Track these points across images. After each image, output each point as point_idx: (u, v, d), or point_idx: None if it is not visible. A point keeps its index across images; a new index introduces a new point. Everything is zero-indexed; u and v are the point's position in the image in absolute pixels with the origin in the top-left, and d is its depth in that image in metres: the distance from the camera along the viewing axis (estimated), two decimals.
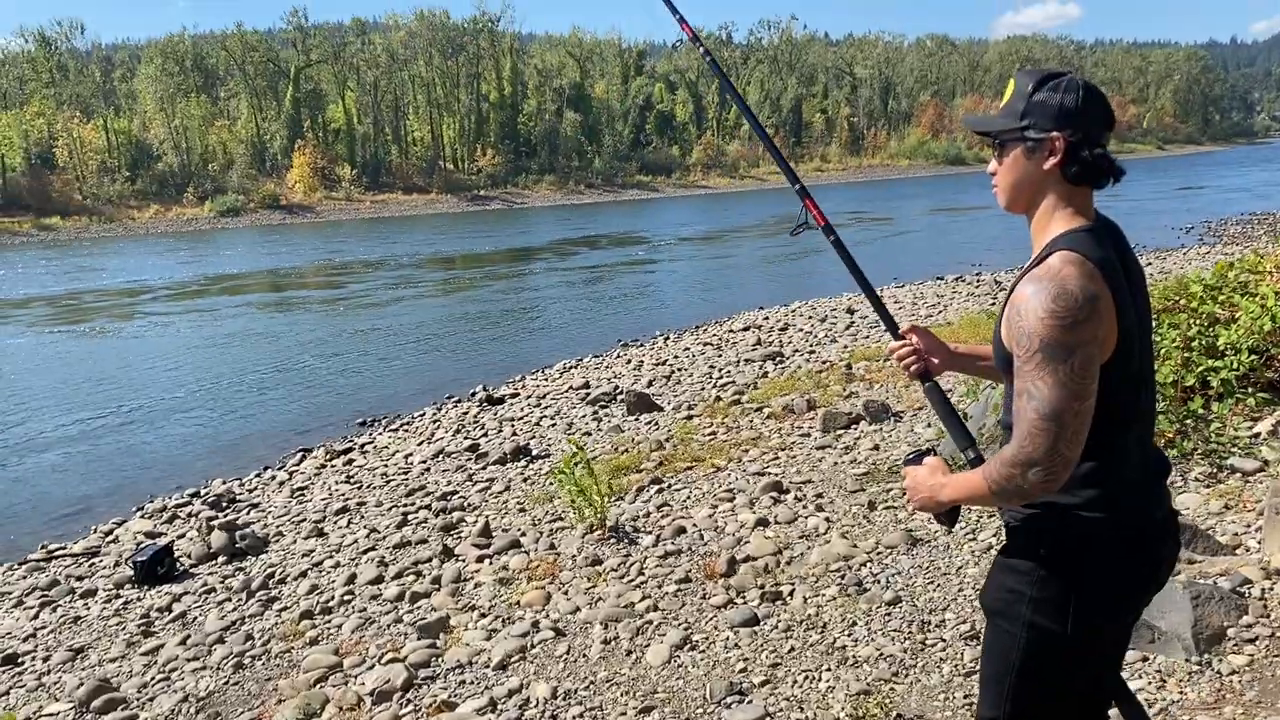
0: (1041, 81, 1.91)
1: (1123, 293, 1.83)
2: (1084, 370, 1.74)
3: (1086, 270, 1.77)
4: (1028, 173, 1.92)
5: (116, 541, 7.84)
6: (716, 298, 20.52)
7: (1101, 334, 1.76)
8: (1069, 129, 1.86)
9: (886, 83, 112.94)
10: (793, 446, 7.39)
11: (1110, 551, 1.89)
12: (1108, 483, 1.88)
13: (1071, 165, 1.87)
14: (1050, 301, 1.74)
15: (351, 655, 4.76)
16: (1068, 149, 1.86)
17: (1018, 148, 1.93)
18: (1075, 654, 1.96)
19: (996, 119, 1.96)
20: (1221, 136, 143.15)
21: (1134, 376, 1.89)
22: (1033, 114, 1.89)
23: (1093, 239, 1.85)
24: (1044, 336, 1.75)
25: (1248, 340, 5.58)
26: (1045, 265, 1.81)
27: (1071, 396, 1.74)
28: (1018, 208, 1.99)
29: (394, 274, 29.49)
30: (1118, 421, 1.88)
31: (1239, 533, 4.37)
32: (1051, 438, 1.74)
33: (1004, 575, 2.00)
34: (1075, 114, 1.86)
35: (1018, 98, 1.93)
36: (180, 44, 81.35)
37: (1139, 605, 2.04)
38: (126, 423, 12.45)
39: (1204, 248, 21.81)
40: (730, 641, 4.21)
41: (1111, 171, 1.90)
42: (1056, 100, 1.88)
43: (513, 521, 6.64)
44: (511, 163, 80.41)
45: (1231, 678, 3.30)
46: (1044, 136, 1.88)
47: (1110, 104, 1.94)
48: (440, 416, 11.06)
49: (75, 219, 59.88)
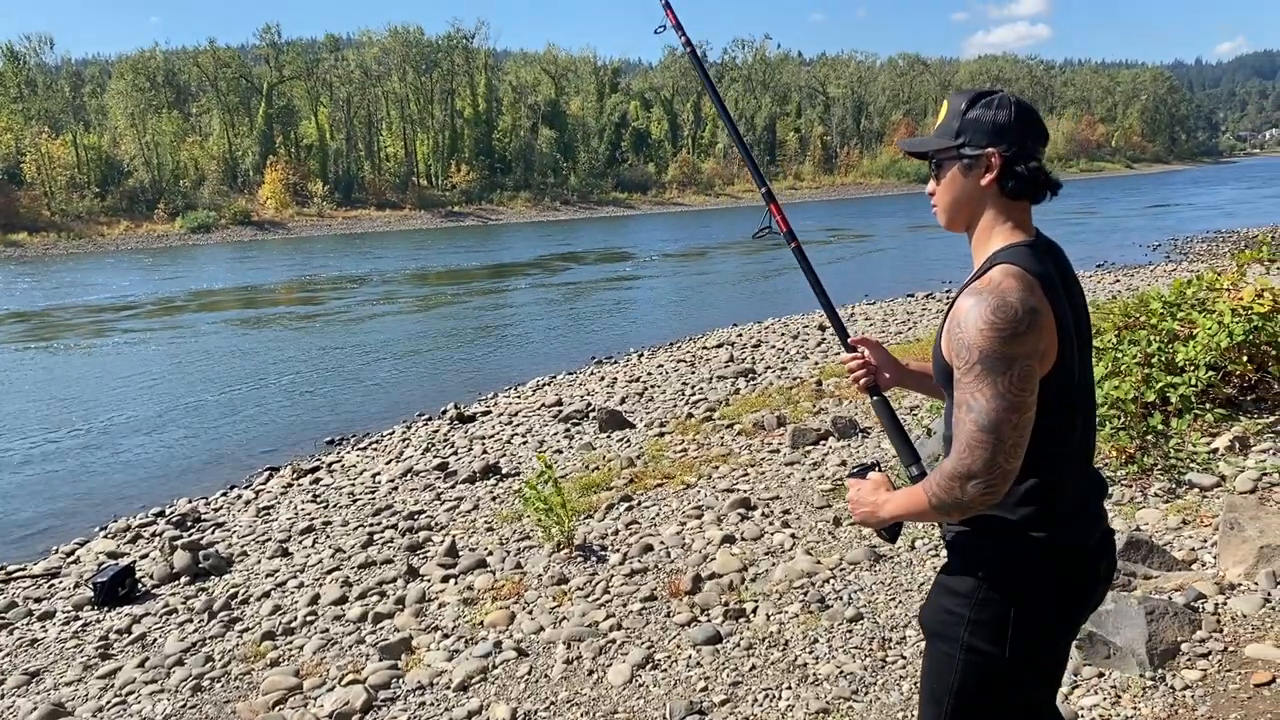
0: (974, 100, 1.93)
1: (1062, 308, 1.84)
2: (1023, 383, 1.74)
3: (1027, 283, 1.78)
4: (965, 190, 1.94)
5: (78, 562, 7.72)
6: (691, 315, 20.56)
7: (1041, 347, 1.77)
8: (1003, 144, 1.88)
9: (859, 102, 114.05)
10: (762, 463, 7.40)
11: (1049, 571, 1.89)
12: (1047, 500, 1.88)
13: (1008, 180, 1.89)
14: (990, 313, 1.75)
15: (312, 677, 4.71)
16: (1003, 164, 1.88)
17: (954, 166, 1.94)
18: (1014, 675, 1.96)
19: (932, 139, 1.98)
20: (1188, 155, 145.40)
21: (1073, 392, 1.89)
22: (967, 131, 1.91)
23: (1033, 254, 1.86)
24: (983, 348, 1.75)
25: (1205, 357, 5.66)
26: (986, 278, 1.82)
27: (1010, 409, 1.74)
28: (958, 226, 2.01)
29: (366, 291, 29.37)
30: (1058, 438, 1.88)
31: (1195, 548, 4.41)
32: (990, 450, 1.74)
33: (943, 596, 1.99)
34: (1009, 129, 1.88)
35: (952, 116, 1.95)
36: (152, 59, 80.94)
37: (1077, 624, 2.04)
38: (92, 441, 12.30)
39: (1170, 265, 22.09)
40: (692, 660, 4.20)
41: (1048, 185, 1.91)
42: (990, 117, 1.89)
43: (480, 541, 6.60)
44: (486, 179, 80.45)
45: (1185, 693, 3.33)
46: (979, 153, 1.90)
47: (1042, 120, 1.95)
48: (410, 435, 10.99)
49: (43, 235, 59.32)
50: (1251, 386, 6.10)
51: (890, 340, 13.35)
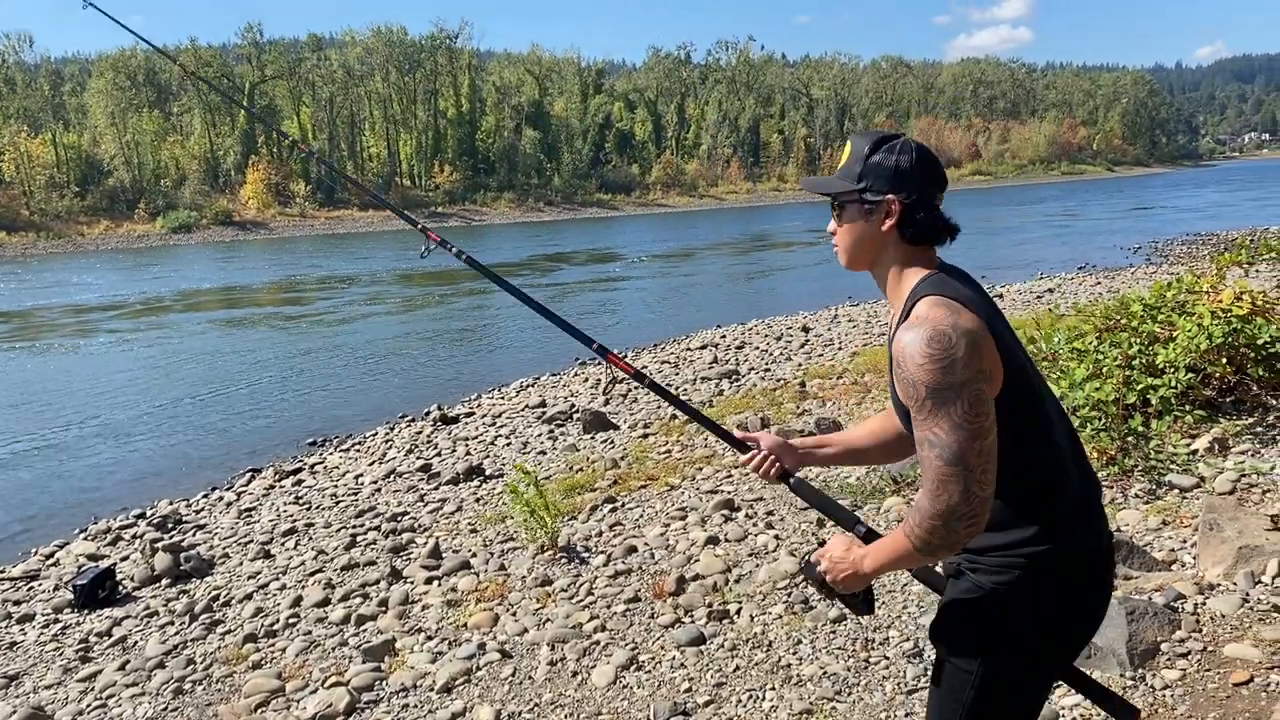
0: (877, 144, 1.95)
1: (996, 319, 1.86)
2: (976, 408, 1.75)
3: (954, 308, 1.80)
4: (866, 234, 1.97)
5: (57, 564, 7.66)
6: (675, 316, 20.58)
7: (985, 367, 1.77)
8: (903, 191, 1.91)
9: (842, 104, 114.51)
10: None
11: (1060, 581, 1.89)
12: (1049, 508, 1.89)
13: (907, 227, 1.92)
14: (925, 346, 1.76)
15: (295, 679, 4.69)
16: (902, 211, 1.91)
17: (855, 209, 1.97)
18: (1028, 690, 1.97)
19: (834, 181, 2.00)
20: (1168, 159, 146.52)
21: (1038, 398, 1.91)
22: (869, 176, 1.94)
23: (949, 280, 1.89)
24: (928, 383, 1.76)
25: (1185, 359, 5.71)
26: (914, 314, 1.83)
27: (970, 437, 1.74)
28: (859, 266, 2.04)
29: (348, 291, 29.27)
30: (1042, 446, 1.90)
31: (1175, 549, 4.44)
32: (962, 482, 1.74)
33: (956, 612, 1.98)
34: (909, 176, 1.91)
35: (854, 160, 1.97)
36: (132, 58, 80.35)
37: (1088, 635, 2.01)
38: (71, 442, 12.20)
39: (1151, 267, 22.24)
40: (676, 661, 4.21)
41: (946, 230, 1.95)
42: (891, 162, 1.92)
43: (463, 542, 6.59)
44: (469, 180, 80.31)
45: (1164, 692, 3.36)
46: (880, 199, 1.92)
47: (942, 165, 1.98)
48: (393, 436, 10.96)
49: (22, 235, 58.84)
50: (1230, 388, 6.15)
51: (874, 341, 13.41)
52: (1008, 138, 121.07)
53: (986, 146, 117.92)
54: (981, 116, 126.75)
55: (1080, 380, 5.56)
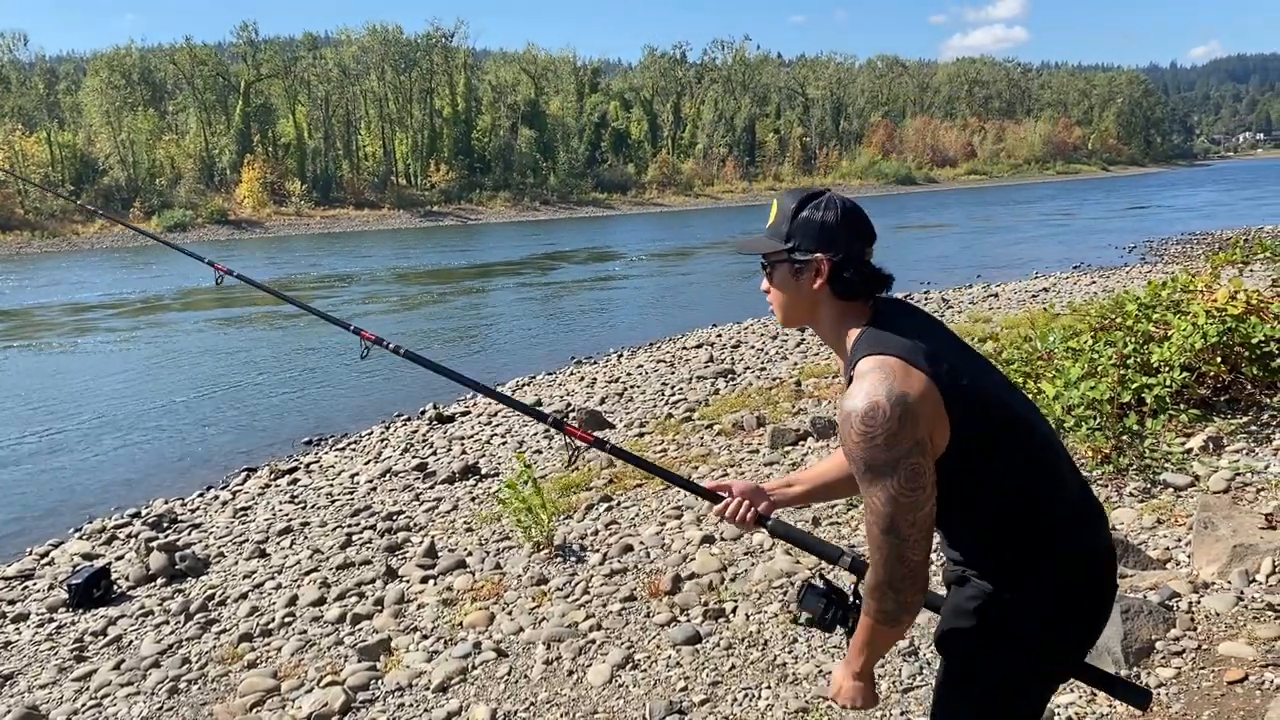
0: (803, 202, 1.95)
1: (936, 361, 1.82)
2: (911, 482, 1.76)
3: (889, 370, 1.78)
4: (799, 292, 1.98)
5: (52, 564, 7.65)
6: (671, 315, 20.58)
7: (921, 436, 1.76)
8: (831, 250, 1.91)
9: (838, 103, 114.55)
10: (741, 463, 7.41)
11: (1062, 583, 1.89)
12: (1047, 516, 1.90)
13: (837, 284, 1.92)
14: (860, 423, 1.75)
15: (290, 678, 4.68)
16: (831, 269, 1.91)
17: (785, 269, 1.98)
18: (1035, 690, 1.97)
19: (763, 241, 2.00)
20: (1163, 158, 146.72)
21: (1014, 413, 1.90)
22: (796, 235, 1.94)
23: (885, 332, 1.87)
24: (863, 458, 1.77)
25: (1180, 357, 5.72)
26: (855, 380, 1.82)
27: (904, 510, 1.76)
28: (794, 324, 2.05)
29: (344, 290, 29.24)
30: (1026, 457, 1.89)
31: (1170, 547, 4.45)
32: (895, 550, 1.78)
33: (961, 618, 1.97)
34: (836, 234, 1.91)
35: (782, 219, 1.97)
36: (127, 57, 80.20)
37: (1097, 632, 2.01)
38: (66, 441, 12.18)
39: (1146, 266, 22.28)
40: (672, 660, 4.21)
41: (877, 283, 1.95)
42: (818, 219, 1.92)
43: (459, 541, 6.59)
44: (465, 178, 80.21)
45: (1159, 690, 3.36)
46: (809, 258, 1.93)
47: (868, 219, 1.98)
48: (388, 435, 10.95)
49: (16, 234, 58.68)
50: (1225, 387, 6.16)
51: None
52: (1003, 137, 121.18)
53: (982, 146, 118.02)
54: (977, 116, 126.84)
55: (1075, 379, 5.57)
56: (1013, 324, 11.69)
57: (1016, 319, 12.50)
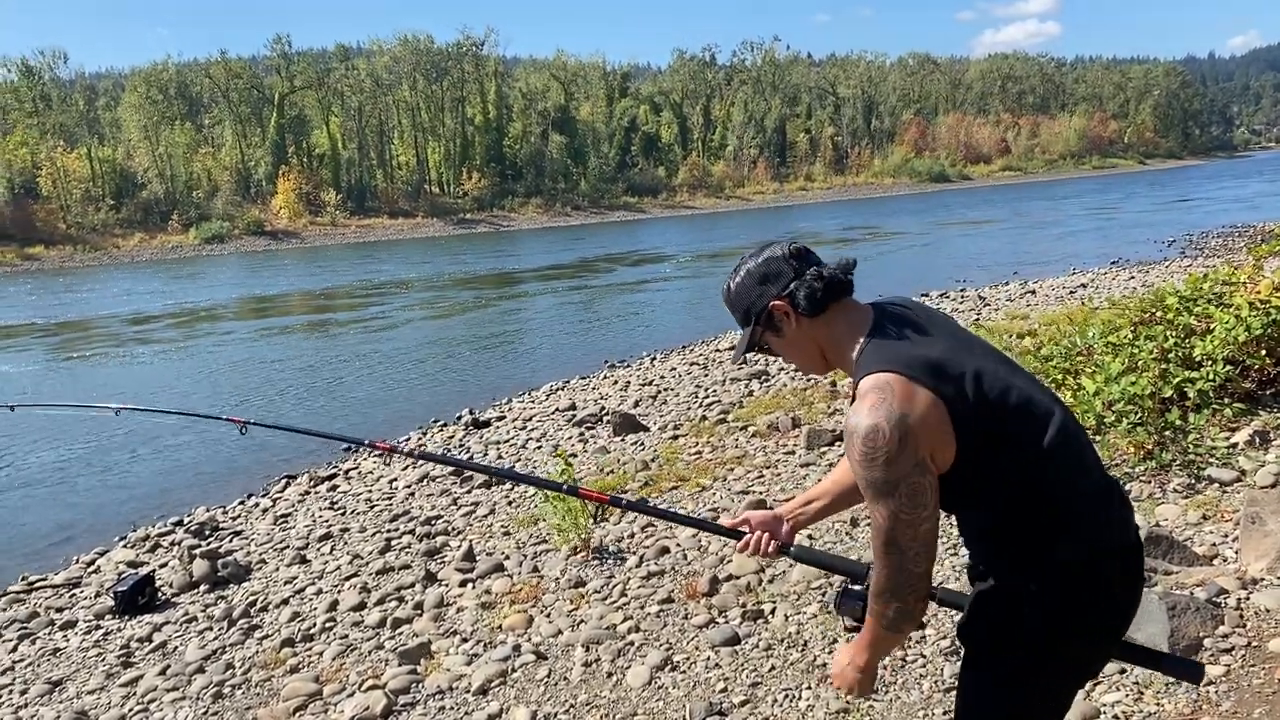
0: (728, 284, 2.07)
1: (937, 371, 1.82)
2: (913, 499, 1.79)
3: (887, 388, 1.79)
4: (793, 342, 2.03)
5: (98, 571, 7.77)
6: (704, 317, 20.54)
7: (924, 452, 1.79)
8: (773, 290, 1.98)
9: (869, 102, 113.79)
10: (777, 465, 7.38)
11: (1088, 578, 1.88)
12: (1070, 511, 1.88)
13: (803, 306, 1.96)
14: (861, 443, 1.78)
15: (332, 683, 4.73)
16: (788, 301, 1.96)
17: (770, 337, 2.04)
18: (1060, 685, 1.97)
19: (743, 337, 2.07)
20: (1202, 150, 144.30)
21: (1016, 408, 1.88)
22: (747, 308, 2.03)
23: (882, 343, 1.90)
24: (866, 478, 1.80)
25: (1223, 351, 5.63)
26: (858, 396, 1.84)
27: (905, 526, 1.80)
28: (819, 368, 2.08)
29: (380, 298, 29.47)
30: (1044, 450, 1.88)
31: (1216, 543, 4.38)
32: (896, 563, 1.82)
33: (984, 612, 1.97)
34: (765, 278, 2.00)
35: (734, 310, 2.08)
36: (164, 72, 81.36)
37: (1124, 626, 1.99)
38: (109, 451, 12.37)
39: (1186, 260, 21.95)
40: (711, 661, 4.20)
41: (840, 280, 1.97)
42: (742, 284, 2.03)
43: (497, 545, 6.62)
44: (497, 185, 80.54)
45: (1208, 689, 3.31)
46: (769, 312, 1.99)
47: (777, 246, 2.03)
48: (425, 441, 11.02)
49: (60, 248, 59.72)
50: (1270, 380, 6.05)
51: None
52: (1037, 133, 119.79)
53: (1016, 142, 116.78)
54: (1010, 112, 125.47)
55: (1116, 374, 5.49)
56: (1050, 321, 11.56)
57: (1054, 316, 12.35)
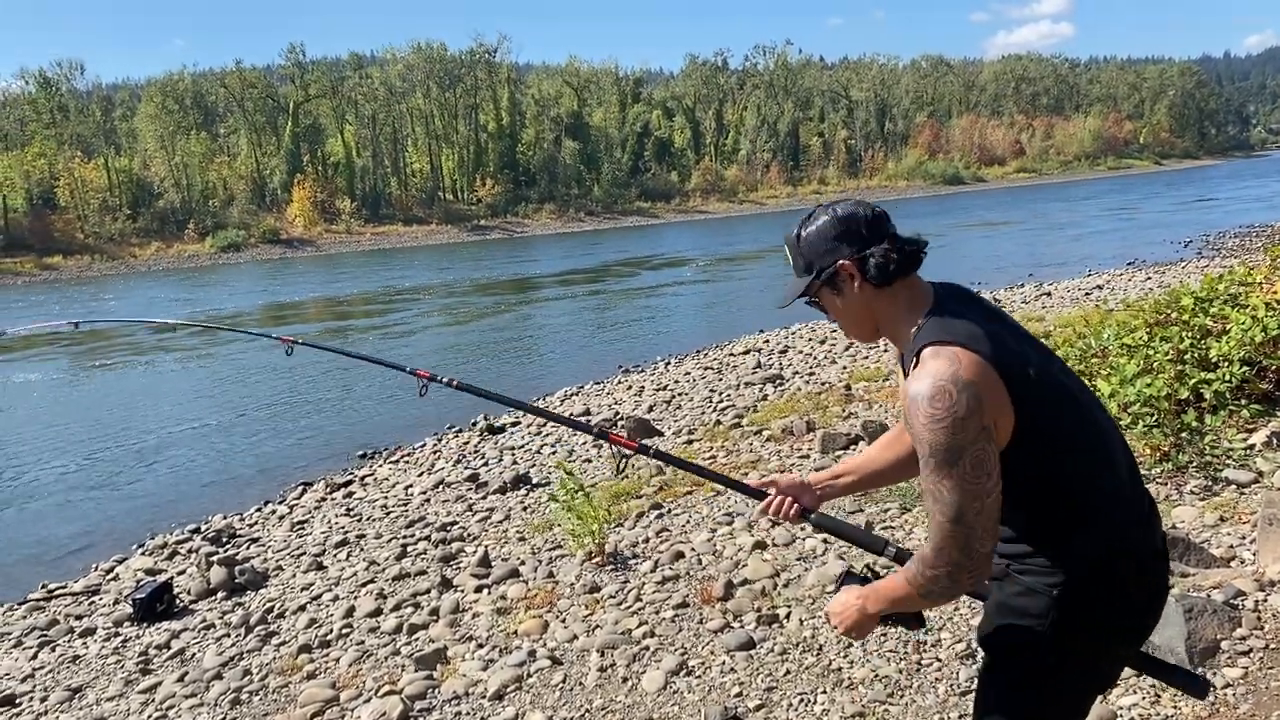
0: (798, 229, 2.00)
1: (999, 348, 1.81)
2: (977, 469, 1.74)
3: (952, 357, 1.77)
4: (848, 304, 1.98)
5: (117, 579, 7.83)
6: (717, 321, 20.56)
7: (988, 423, 1.75)
8: (846, 249, 1.92)
9: (882, 104, 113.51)
10: (792, 469, 7.38)
11: (1111, 584, 1.88)
12: (1099, 515, 1.87)
13: (870, 274, 1.91)
14: (927, 404, 1.74)
15: (349, 688, 4.75)
16: (857, 264, 1.92)
17: (827, 293, 1.99)
18: (1081, 691, 1.96)
19: (795, 284, 2.03)
20: (1218, 150, 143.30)
21: (1076, 404, 1.88)
22: (810, 259, 1.97)
23: (946, 319, 1.86)
24: (930, 442, 1.75)
25: (1239, 352, 5.60)
26: (919, 365, 1.81)
27: (971, 497, 1.74)
28: (869, 335, 2.05)
29: (394, 306, 29.57)
30: (1084, 450, 1.88)
31: (1234, 545, 4.36)
32: (962, 539, 1.76)
33: (1004, 616, 1.96)
34: (840, 234, 1.94)
35: (794, 255, 2.02)
36: (179, 82, 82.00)
37: (1146, 632, 1.99)
38: (128, 459, 12.46)
39: (1203, 261, 21.82)
40: (726, 666, 4.20)
41: (910, 254, 1.93)
42: (816, 233, 1.96)
43: (512, 550, 6.63)
44: (511, 192, 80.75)
45: (1226, 691, 3.29)
46: (833, 270, 1.94)
47: (862, 206, 1.97)
48: (441, 447, 11.06)
49: (77, 258, 60.19)
50: None
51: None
52: (1052, 134, 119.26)
53: (1030, 143, 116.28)
54: (1025, 113, 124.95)
55: (1131, 376, 5.47)
56: (1066, 323, 11.51)
57: (1070, 318, 12.30)
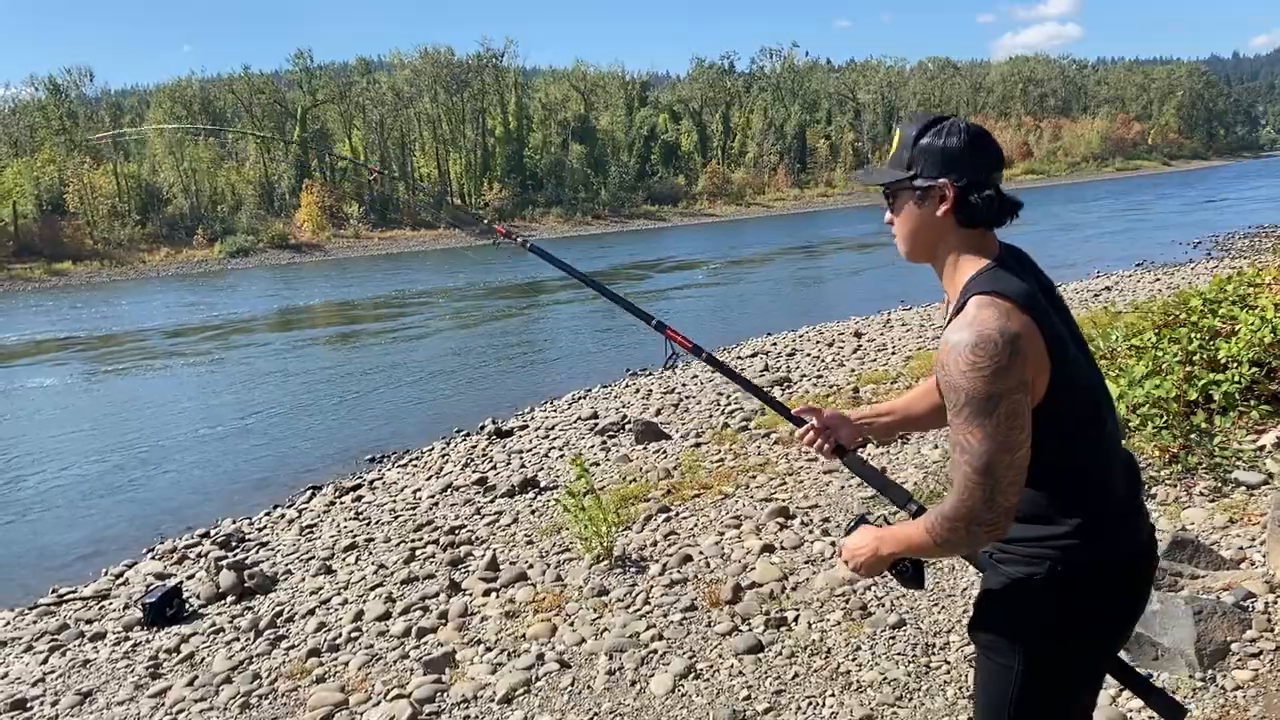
0: (925, 128, 1.90)
1: (1047, 317, 1.81)
2: (1012, 420, 1.73)
3: (1003, 309, 1.75)
4: (922, 221, 1.92)
5: (127, 583, 7.85)
6: (724, 324, 20.54)
7: (1027, 376, 1.74)
8: (955, 174, 1.85)
9: (889, 106, 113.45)
10: (799, 471, 7.37)
11: (1102, 576, 1.88)
12: (1091, 508, 1.87)
13: (962, 210, 1.86)
14: (969, 352, 1.73)
15: (358, 692, 4.75)
16: (957, 194, 1.86)
17: (909, 198, 1.92)
18: (1073, 682, 1.96)
19: (885, 171, 1.96)
20: (1227, 151, 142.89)
21: (1082, 396, 1.88)
22: (918, 162, 1.89)
23: (1004, 273, 1.84)
24: (968, 389, 1.73)
25: (1248, 353, 5.58)
26: (964, 313, 1.79)
27: (1002, 448, 1.73)
28: (918, 256, 1.99)
29: (403, 309, 29.63)
30: (1089, 442, 1.88)
31: (1243, 547, 4.34)
32: (987, 491, 1.74)
33: (992, 606, 1.98)
34: (960, 158, 1.86)
35: (903, 147, 1.93)
36: (188, 88, 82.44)
37: (1132, 625, 2.02)
38: (138, 464, 12.50)
39: (1211, 262, 21.74)
40: (734, 669, 4.20)
41: (1005, 210, 1.89)
42: (940, 145, 1.87)
43: (520, 554, 6.64)
44: (518, 196, 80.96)
45: (1236, 693, 3.28)
46: (931, 184, 1.88)
47: (997, 145, 1.92)
48: (449, 450, 11.07)
49: (87, 264, 60.44)
50: None
51: (928, 345, 13.27)
52: (1060, 135, 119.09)
53: (1038, 145, 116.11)
54: (1032, 115, 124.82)
55: (1140, 378, 5.46)
56: None
57: (1078, 319, 12.26)
